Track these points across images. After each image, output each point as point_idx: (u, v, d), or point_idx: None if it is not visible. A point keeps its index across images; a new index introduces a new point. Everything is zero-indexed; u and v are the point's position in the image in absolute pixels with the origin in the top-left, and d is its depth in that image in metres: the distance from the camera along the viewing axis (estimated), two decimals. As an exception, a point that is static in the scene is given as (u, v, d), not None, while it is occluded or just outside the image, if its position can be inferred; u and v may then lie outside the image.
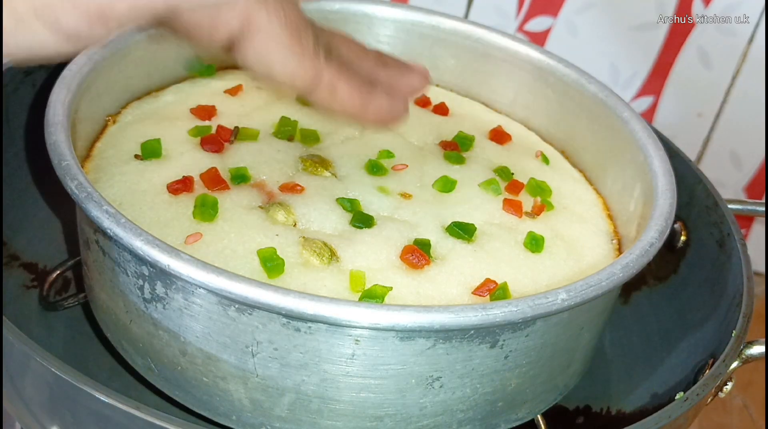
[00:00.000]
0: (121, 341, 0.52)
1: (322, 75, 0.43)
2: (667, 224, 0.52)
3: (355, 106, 0.46)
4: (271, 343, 0.45)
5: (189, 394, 0.50)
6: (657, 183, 0.55)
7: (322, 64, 0.43)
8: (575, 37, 0.87)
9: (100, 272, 0.51)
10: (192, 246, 0.49)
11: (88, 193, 0.46)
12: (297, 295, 0.42)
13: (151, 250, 0.43)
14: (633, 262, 0.49)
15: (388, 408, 0.47)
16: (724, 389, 0.55)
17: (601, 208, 0.61)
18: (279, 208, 0.52)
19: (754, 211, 0.65)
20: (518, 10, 0.87)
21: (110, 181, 0.54)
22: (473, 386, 0.48)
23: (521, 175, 0.60)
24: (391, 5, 0.69)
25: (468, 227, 0.53)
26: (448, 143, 0.62)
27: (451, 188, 0.57)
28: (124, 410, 0.43)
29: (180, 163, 0.55)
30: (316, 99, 0.45)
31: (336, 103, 0.45)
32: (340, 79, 0.44)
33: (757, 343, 0.55)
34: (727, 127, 0.91)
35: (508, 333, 0.46)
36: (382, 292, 0.48)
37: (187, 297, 0.45)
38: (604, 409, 0.65)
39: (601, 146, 0.63)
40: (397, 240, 0.51)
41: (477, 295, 0.50)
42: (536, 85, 0.67)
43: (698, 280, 0.64)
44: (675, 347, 0.64)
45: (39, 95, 0.66)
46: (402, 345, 0.45)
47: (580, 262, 0.55)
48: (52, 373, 0.45)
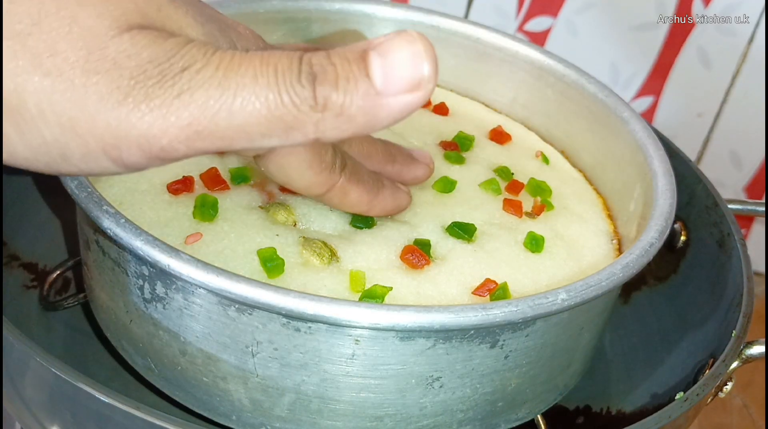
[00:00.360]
0: (121, 341, 0.52)
1: (336, 184, 0.47)
2: (667, 224, 0.52)
3: (363, 206, 0.49)
4: (271, 343, 0.45)
5: (189, 394, 0.50)
6: (657, 183, 0.55)
7: (337, 175, 0.47)
8: (575, 37, 0.87)
9: (100, 272, 0.51)
10: (192, 246, 0.49)
11: (88, 193, 0.46)
12: (297, 295, 0.42)
13: (151, 250, 0.43)
14: (633, 262, 0.49)
15: (388, 408, 0.47)
16: (724, 389, 0.55)
17: (601, 208, 0.61)
18: (279, 208, 0.52)
19: (754, 211, 0.65)
20: (518, 10, 0.87)
21: (110, 181, 0.53)
22: (473, 386, 0.48)
23: (521, 175, 0.60)
24: (391, 5, 0.69)
25: (468, 227, 0.53)
26: (448, 143, 0.62)
27: (451, 188, 0.57)
28: (124, 410, 0.43)
29: (180, 163, 0.54)
30: (327, 202, 0.49)
31: (345, 206, 0.49)
32: (351, 185, 0.48)
33: (757, 343, 0.55)
34: (727, 127, 0.91)
35: (508, 333, 0.46)
36: (382, 292, 0.48)
37: (187, 297, 0.45)
38: (604, 409, 0.65)
39: (601, 146, 0.63)
40: (397, 240, 0.51)
41: (477, 295, 0.50)
42: (536, 85, 0.67)
43: (698, 280, 0.65)
44: (675, 347, 0.64)
45: (39, 95, 0.66)
46: (402, 345, 0.45)
47: (580, 262, 0.55)
48: (52, 373, 0.45)
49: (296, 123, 0.35)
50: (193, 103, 0.34)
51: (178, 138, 0.35)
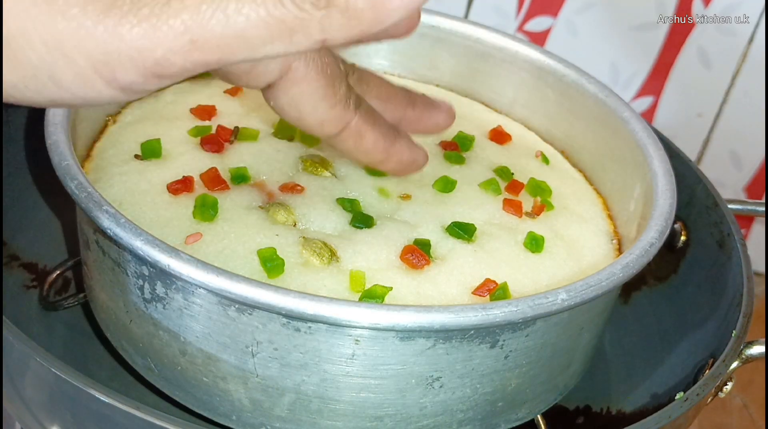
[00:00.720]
0: (121, 341, 0.52)
1: (350, 123, 0.44)
2: (667, 224, 0.52)
3: (378, 154, 0.46)
4: (271, 343, 0.45)
5: (189, 394, 0.50)
6: (657, 183, 0.55)
7: (352, 112, 0.44)
8: (575, 37, 0.87)
9: (100, 272, 0.51)
10: (192, 246, 0.49)
11: (88, 193, 0.46)
12: (297, 295, 0.42)
13: (151, 250, 0.43)
14: (633, 262, 0.49)
15: (388, 408, 0.47)
16: (724, 389, 0.55)
17: (601, 208, 0.61)
18: (279, 208, 0.52)
19: (754, 211, 0.65)
20: (518, 10, 0.87)
21: (110, 181, 0.54)
22: (473, 386, 0.48)
23: (521, 175, 0.60)
24: (391, 5, 0.69)
25: (468, 227, 0.53)
26: (448, 143, 0.62)
27: (451, 188, 0.57)
28: (124, 410, 0.43)
29: (180, 163, 0.55)
30: (341, 145, 0.45)
31: (360, 151, 0.46)
32: (367, 126, 0.45)
33: (757, 343, 0.55)
34: (727, 127, 0.91)
35: (508, 333, 0.46)
36: (382, 292, 0.48)
37: (187, 297, 0.45)
38: (604, 409, 0.65)
39: (601, 146, 0.63)
40: (397, 240, 0.51)
41: (477, 295, 0.50)
42: (536, 85, 0.67)
43: (698, 280, 0.65)
44: (675, 347, 0.64)
45: (39, 95, 0.66)
46: (402, 345, 0.45)
47: (580, 262, 0.55)
48: (52, 373, 0.45)
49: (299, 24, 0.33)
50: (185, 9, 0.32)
51: (173, 49, 0.33)
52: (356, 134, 0.44)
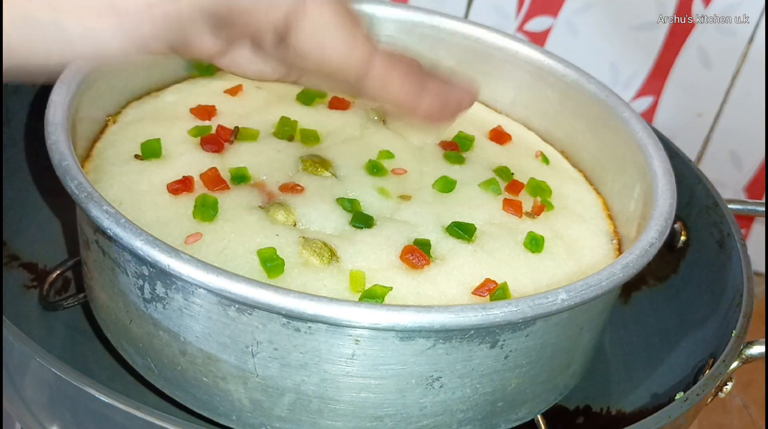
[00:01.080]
0: (121, 341, 0.52)
1: (375, 61, 0.41)
2: (667, 224, 0.52)
3: (408, 97, 0.43)
4: (271, 343, 0.45)
5: (189, 394, 0.50)
6: (657, 183, 0.55)
7: (375, 48, 0.41)
8: (575, 37, 0.87)
9: (100, 272, 0.51)
10: (192, 246, 0.49)
11: (88, 193, 0.46)
12: (297, 295, 0.42)
13: (151, 250, 0.43)
14: (633, 262, 0.49)
15: (388, 408, 0.47)
16: (724, 389, 0.55)
17: (601, 208, 0.61)
18: (279, 208, 0.52)
19: (754, 211, 0.65)
20: (518, 10, 0.87)
21: (110, 181, 0.54)
22: (473, 386, 0.48)
23: (521, 175, 0.60)
24: (391, 5, 0.69)
25: (468, 227, 0.53)
26: (448, 143, 0.62)
27: (451, 188, 0.57)
28: (124, 410, 0.43)
29: (180, 163, 0.55)
30: (368, 88, 0.43)
31: (389, 93, 0.43)
32: (391, 70, 0.42)
33: (757, 343, 0.55)
34: (727, 127, 0.91)
35: (508, 333, 0.46)
36: (382, 292, 0.48)
37: (187, 297, 0.45)
38: (604, 409, 0.65)
39: (601, 146, 0.63)
40: (397, 240, 0.51)
41: (477, 295, 0.50)
42: (536, 85, 0.67)
43: (698, 280, 0.65)
44: (675, 347, 0.64)
45: (39, 95, 0.66)
46: (402, 345, 0.45)
47: (580, 262, 0.55)
48: (52, 373, 0.45)
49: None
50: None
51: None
52: (383, 75, 0.42)
